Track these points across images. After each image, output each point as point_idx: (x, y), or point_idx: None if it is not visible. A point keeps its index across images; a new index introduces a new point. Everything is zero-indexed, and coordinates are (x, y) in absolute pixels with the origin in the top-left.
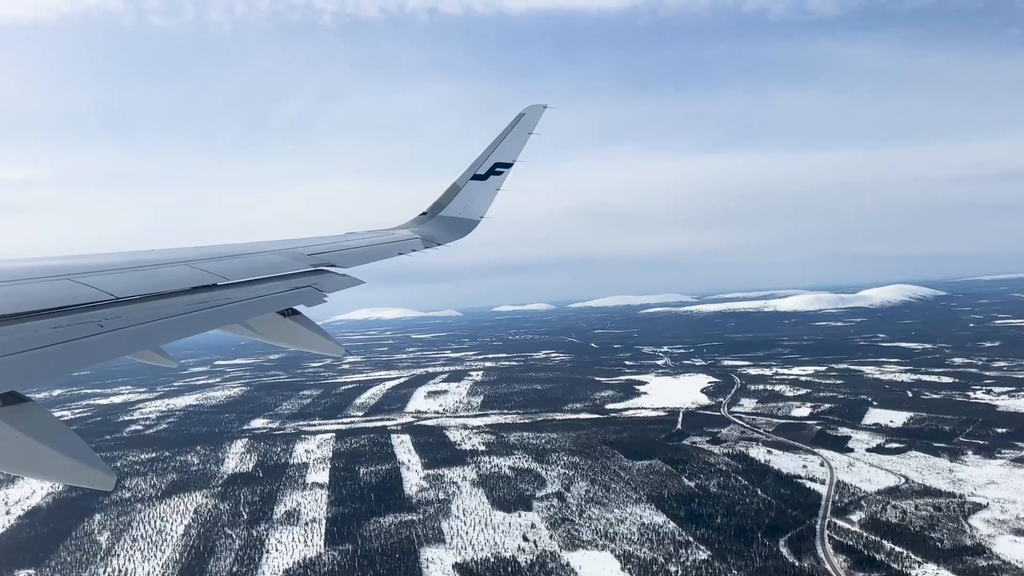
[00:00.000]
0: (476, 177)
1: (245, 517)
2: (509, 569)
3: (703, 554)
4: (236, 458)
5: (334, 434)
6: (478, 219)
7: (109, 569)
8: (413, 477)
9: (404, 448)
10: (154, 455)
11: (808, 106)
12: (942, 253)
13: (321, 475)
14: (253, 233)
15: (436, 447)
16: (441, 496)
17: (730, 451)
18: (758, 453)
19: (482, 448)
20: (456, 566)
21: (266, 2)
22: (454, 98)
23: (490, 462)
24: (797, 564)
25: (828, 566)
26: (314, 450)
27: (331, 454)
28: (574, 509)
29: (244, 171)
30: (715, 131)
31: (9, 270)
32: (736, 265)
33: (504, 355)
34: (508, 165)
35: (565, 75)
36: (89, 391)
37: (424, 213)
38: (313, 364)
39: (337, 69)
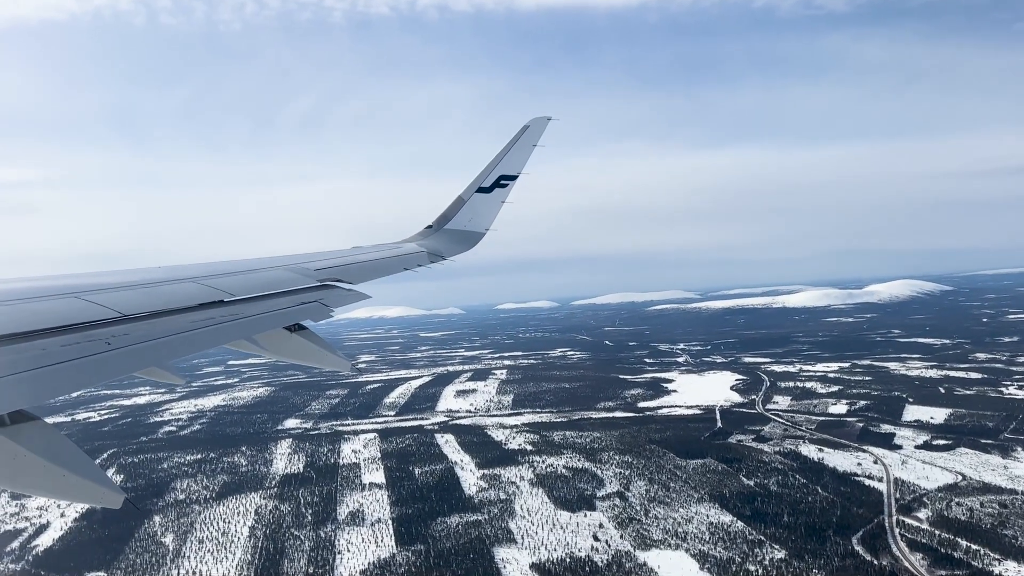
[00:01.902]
0: (481, 190)
1: (309, 518)
2: (587, 569)
3: (779, 553)
4: (284, 459)
5: (376, 434)
6: (483, 231)
7: (182, 571)
8: (469, 477)
9: (451, 448)
10: (199, 456)
11: (814, 102)
12: (943, 248)
13: (376, 475)
14: (261, 232)
15: (483, 447)
16: (502, 496)
17: (780, 449)
18: (809, 451)
19: (529, 448)
20: (533, 566)
21: (276, 0)
22: (464, 96)
23: (543, 462)
24: (876, 563)
25: (907, 564)
26: (361, 450)
27: (379, 454)
28: (638, 508)
29: (253, 170)
30: (720, 127)
31: (18, 289)
32: (738, 262)
33: (520, 353)
34: (513, 177)
35: (574, 72)
36: (109, 392)
37: (430, 226)
38: None
39: (346, 68)
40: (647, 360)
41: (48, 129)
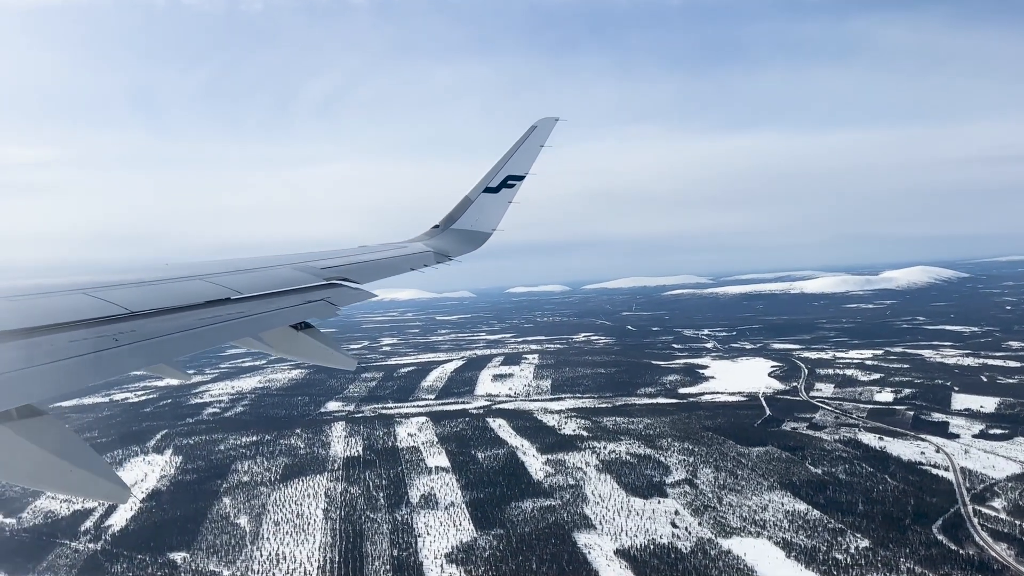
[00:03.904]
0: (488, 190)
1: (382, 501)
2: (672, 556)
3: (862, 542)
4: (341, 442)
5: (427, 418)
6: (490, 232)
7: (265, 553)
8: (533, 462)
9: (506, 432)
10: (255, 438)
11: (834, 87)
12: (954, 234)
13: (440, 459)
14: (279, 213)
15: (538, 432)
16: (570, 481)
17: (839, 437)
18: (869, 440)
19: (585, 433)
20: (618, 552)
21: None
22: (484, 77)
23: (603, 448)
24: (961, 552)
25: (995, 554)
26: (416, 434)
27: (436, 438)
28: (710, 496)
29: (272, 151)
30: (738, 111)
31: (26, 285)
32: (747, 247)
33: (543, 337)
34: (520, 178)
35: (593, 55)
36: (138, 372)
37: (436, 226)
38: (355, 346)
39: (367, 49)
40: (675, 346)
41: (65, 109)
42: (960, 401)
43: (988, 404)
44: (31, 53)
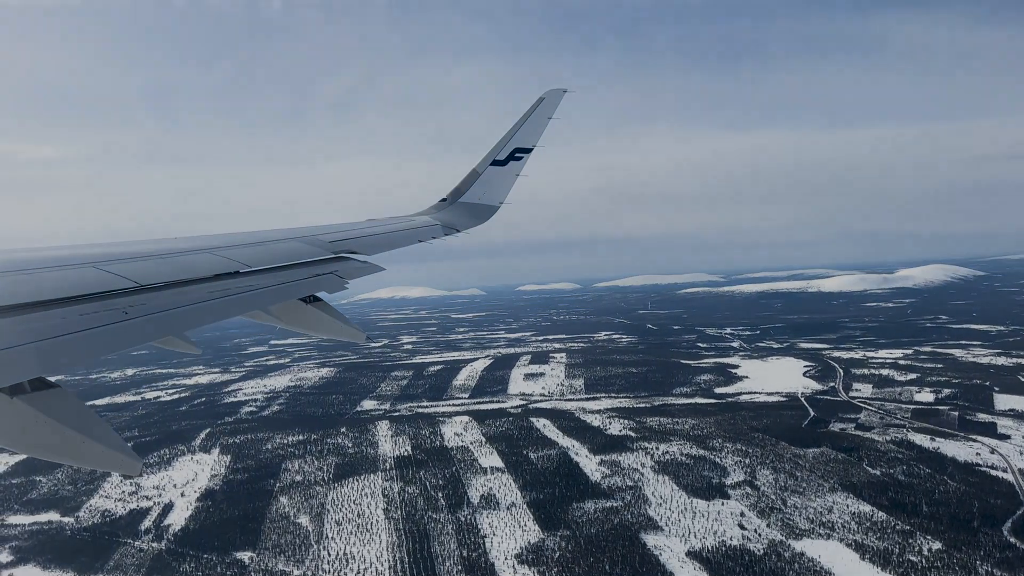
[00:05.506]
0: (496, 163)
1: (442, 502)
2: (746, 558)
3: (934, 544)
4: (388, 441)
5: (470, 417)
6: (498, 205)
7: (332, 553)
8: (587, 463)
9: (553, 432)
10: (301, 437)
11: (846, 83)
12: (966, 232)
13: (493, 459)
14: (292, 212)
15: (585, 432)
16: (629, 483)
17: (891, 438)
18: (921, 440)
19: (632, 434)
20: (690, 554)
21: None
22: (504, 74)
23: (656, 448)
24: None
25: None
26: (463, 433)
27: (483, 438)
28: (773, 498)
29: (287, 149)
30: (751, 109)
31: (36, 259)
32: (758, 244)
33: (565, 336)
34: (528, 150)
35: (606, 53)
36: (163, 371)
37: (444, 199)
38: (374, 344)
39: (385, 45)
40: (700, 345)
41: (84, 106)
42: (1003, 402)
43: None
44: (49, 51)
